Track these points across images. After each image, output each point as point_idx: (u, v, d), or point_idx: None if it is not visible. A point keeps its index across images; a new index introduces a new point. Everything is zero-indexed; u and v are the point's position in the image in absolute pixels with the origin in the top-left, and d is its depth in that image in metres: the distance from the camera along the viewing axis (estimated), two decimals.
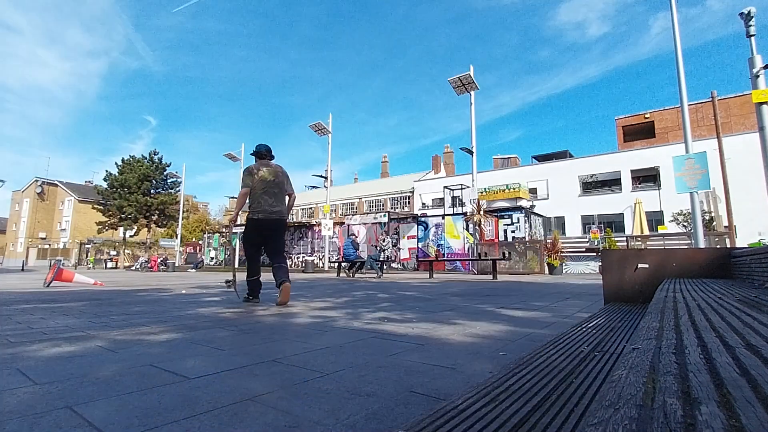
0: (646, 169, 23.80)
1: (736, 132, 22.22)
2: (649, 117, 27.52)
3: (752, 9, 7.35)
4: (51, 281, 7.16)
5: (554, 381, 0.80)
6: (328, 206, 18.93)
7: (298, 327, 2.66)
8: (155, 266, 22.79)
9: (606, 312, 1.93)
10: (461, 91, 15.18)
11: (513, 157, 36.23)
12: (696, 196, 8.48)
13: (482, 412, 0.63)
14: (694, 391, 0.37)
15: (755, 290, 1.53)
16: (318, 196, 39.46)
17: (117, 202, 31.69)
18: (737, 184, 18.41)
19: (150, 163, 33.60)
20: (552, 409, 0.65)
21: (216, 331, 2.49)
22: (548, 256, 12.66)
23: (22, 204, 54.19)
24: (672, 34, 8.80)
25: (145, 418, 1.08)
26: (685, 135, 8.63)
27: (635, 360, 0.52)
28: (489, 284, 7.48)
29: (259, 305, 3.97)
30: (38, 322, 2.89)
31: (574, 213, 25.67)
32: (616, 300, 2.55)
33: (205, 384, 1.38)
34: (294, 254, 20.43)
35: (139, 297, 5.05)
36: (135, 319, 3.04)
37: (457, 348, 1.93)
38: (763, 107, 6.95)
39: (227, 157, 26.14)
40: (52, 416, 1.09)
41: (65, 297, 5.04)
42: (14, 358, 1.79)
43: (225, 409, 1.14)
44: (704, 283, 1.98)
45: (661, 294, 1.48)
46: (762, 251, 1.90)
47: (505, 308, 3.54)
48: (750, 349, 0.53)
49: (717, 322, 0.79)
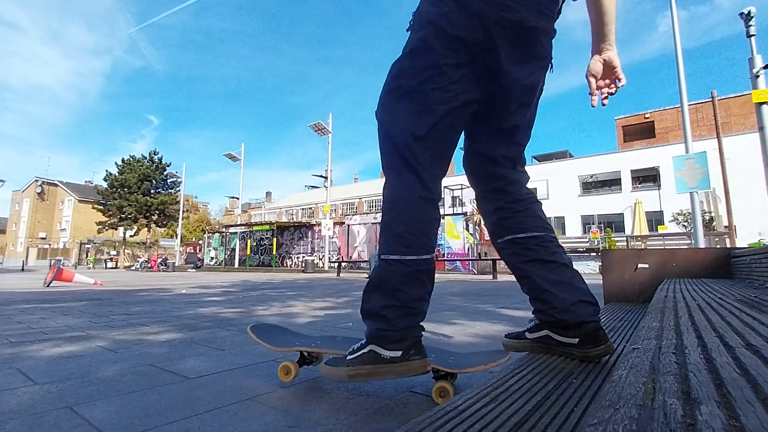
0: (646, 169, 23.79)
1: (736, 132, 22.22)
2: (649, 117, 27.52)
3: (752, 9, 7.35)
4: (51, 281, 7.16)
5: (554, 381, 0.80)
6: (328, 206, 18.94)
7: (298, 327, 2.66)
8: (155, 266, 22.80)
9: (606, 312, 1.93)
10: None
11: None
12: (696, 196, 8.47)
13: (482, 412, 0.63)
14: (694, 391, 0.37)
15: (755, 290, 1.53)
16: (318, 196, 39.46)
17: (117, 202, 31.70)
18: (737, 184, 18.39)
19: (150, 163, 33.61)
20: (552, 409, 0.65)
21: (216, 331, 2.49)
22: None
23: (22, 204, 54.20)
24: (672, 33, 8.80)
25: (145, 418, 1.08)
26: (685, 135, 8.62)
27: (635, 360, 0.52)
28: (489, 284, 7.48)
29: (259, 305, 3.97)
30: (38, 322, 2.89)
31: (574, 213, 25.66)
32: (616, 300, 2.55)
33: (205, 384, 1.38)
34: (294, 254, 20.42)
35: (139, 297, 5.04)
36: (135, 319, 3.04)
37: (457, 348, 1.93)
38: (763, 107, 6.95)
39: (227, 157, 26.17)
40: (52, 416, 1.10)
41: (65, 297, 5.04)
42: (14, 358, 1.79)
43: (225, 409, 1.14)
44: (704, 283, 1.98)
45: (661, 294, 1.48)
46: (762, 251, 1.90)
47: (505, 308, 3.54)
48: (750, 349, 0.53)
49: (717, 322, 0.79)
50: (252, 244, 22.05)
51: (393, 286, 0.99)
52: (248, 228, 23.29)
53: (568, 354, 1.03)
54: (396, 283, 0.99)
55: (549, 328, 1.06)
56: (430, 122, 1.01)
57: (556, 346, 1.05)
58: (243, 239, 22.57)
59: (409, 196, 1.02)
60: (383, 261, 1.01)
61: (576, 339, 1.01)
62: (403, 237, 1.00)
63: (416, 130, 1.01)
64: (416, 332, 1.03)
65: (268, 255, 21.38)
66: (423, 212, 1.02)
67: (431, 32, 0.98)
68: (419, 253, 1.00)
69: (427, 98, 1.00)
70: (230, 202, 53.56)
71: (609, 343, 1.00)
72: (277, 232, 21.22)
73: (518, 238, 1.10)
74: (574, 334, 1.01)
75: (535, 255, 1.08)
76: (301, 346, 1.35)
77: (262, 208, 48.75)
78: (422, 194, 1.02)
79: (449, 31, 0.96)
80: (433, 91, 0.99)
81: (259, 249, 22.01)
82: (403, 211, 1.01)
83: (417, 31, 1.03)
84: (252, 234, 22.45)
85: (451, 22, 0.96)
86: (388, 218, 1.04)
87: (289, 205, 44.29)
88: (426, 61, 0.99)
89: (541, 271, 1.07)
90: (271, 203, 50.53)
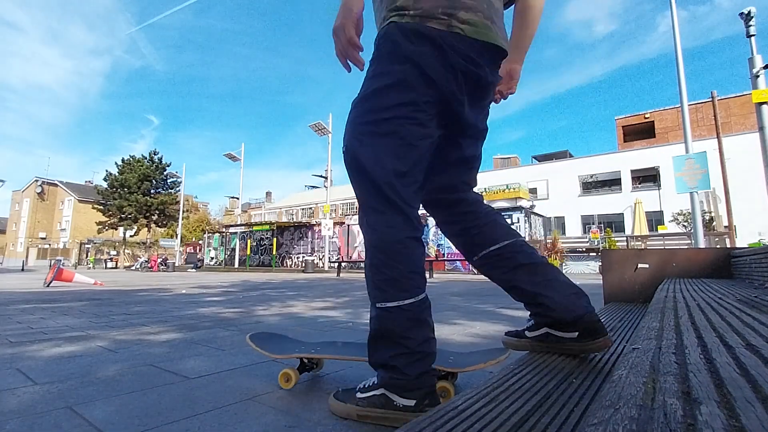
0: (646, 169, 23.80)
1: (736, 132, 22.22)
2: (649, 117, 27.52)
3: (752, 9, 7.35)
4: (51, 281, 7.16)
5: (554, 381, 0.80)
6: (328, 206, 18.94)
7: (298, 327, 2.66)
8: (155, 266, 22.79)
9: (606, 312, 1.93)
10: None
11: (513, 157, 36.23)
12: (696, 196, 8.48)
13: (482, 412, 0.63)
14: (694, 391, 0.37)
15: (755, 290, 1.53)
16: (318, 196, 39.47)
17: (117, 202, 31.70)
18: (737, 184, 18.39)
19: (150, 163, 33.60)
20: (552, 409, 0.65)
21: (216, 331, 2.49)
22: (548, 256, 12.67)
23: (22, 204, 54.20)
24: (672, 33, 8.80)
25: (145, 418, 1.08)
26: (685, 135, 8.62)
27: (635, 360, 0.52)
28: (489, 284, 7.47)
29: (259, 305, 3.97)
30: (38, 322, 2.89)
31: (574, 213, 25.67)
32: (616, 300, 2.55)
33: (205, 384, 1.38)
34: (294, 254, 20.43)
35: (139, 297, 5.05)
36: (135, 319, 3.04)
37: (457, 348, 1.93)
38: (763, 107, 6.95)
39: (227, 157, 26.18)
40: (52, 416, 1.10)
41: (65, 297, 5.04)
42: (14, 358, 1.79)
43: (225, 409, 1.14)
44: (704, 283, 1.98)
45: (661, 294, 1.48)
46: (762, 251, 1.90)
47: (505, 308, 3.54)
48: (750, 349, 0.53)
49: (717, 322, 0.79)
50: (252, 244, 22.05)
51: (398, 334, 0.96)
52: (248, 228, 23.28)
53: (568, 349, 1.04)
54: (400, 331, 0.96)
55: (548, 326, 1.08)
56: (413, 158, 1.01)
57: (555, 342, 1.06)
58: (243, 239, 22.57)
59: (398, 237, 0.99)
60: (381, 309, 0.98)
61: (576, 333, 1.03)
62: (398, 281, 0.97)
63: (399, 167, 1.00)
64: (431, 380, 0.99)
65: (268, 255, 21.38)
66: (413, 252, 1.00)
67: (410, 70, 0.99)
68: (416, 294, 0.98)
69: (408, 133, 1.00)
70: (230, 202, 53.59)
71: (607, 336, 1.03)
72: (277, 232, 21.23)
73: (492, 251, 1.12)
74: (574, 328, 1.03)
75: (514, 262, 1.10)
76: (300, 353, 1.36)
77: (262, 208, 48.76)
78: (410, 234, 1.00)
79: (427, 71, 0.99)
80: (413, 126, 1.00)
81: (259, 249, 22.02)
82: (395, 255, 0.98)
83: (392, 63, 1.01)
84: (252, 234, 22.45)
85: (428, 64, 0.99)
86: (378, 262, 0.99)
87: (289, 205, 44.30)
88: (407, 97, 0.99)
89: (525, 277, 1.09)
90: (271, 203, 50.54)
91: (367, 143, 1.02)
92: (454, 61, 1.00)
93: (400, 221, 1.00)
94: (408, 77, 0.99)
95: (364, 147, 1.02)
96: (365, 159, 1.01)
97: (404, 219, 1.00)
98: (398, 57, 1.00)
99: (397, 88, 1.00)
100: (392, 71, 1.00)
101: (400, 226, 1.00)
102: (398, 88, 0.99)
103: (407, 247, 0.99)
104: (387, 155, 1.00)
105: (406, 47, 0.99)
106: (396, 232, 0.99)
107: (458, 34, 0.99)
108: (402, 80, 0.99)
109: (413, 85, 0.99)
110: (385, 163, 0.99)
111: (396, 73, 1.00)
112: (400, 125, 1.00)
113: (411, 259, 0.99)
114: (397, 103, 0.99)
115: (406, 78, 0.99)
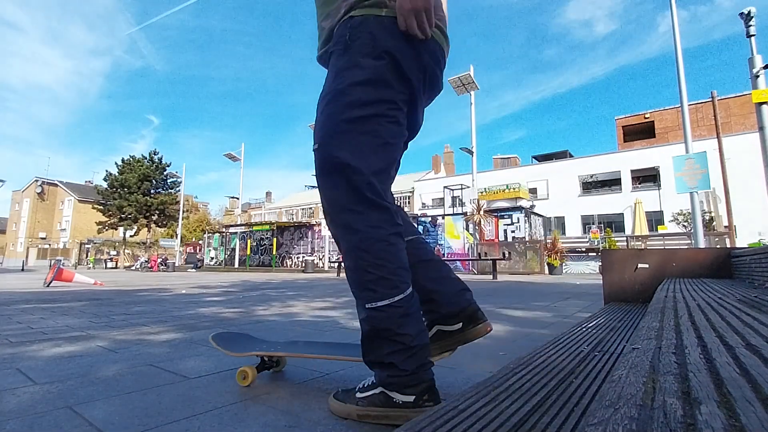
0: (646, 169, 23.80)
1: (736, 132, 22.23)
2: (649, 117, 27.52)
3: (752, 9, 7.35)
4: (51, 281, 7.16)
5: (554, 381, 0.80)
6: None
7: (298, 327, 2.66)
8: (155, 266, 22.80)
9: (606, 312, 1.93)
10: (461, 91, 15.20)
11: (513, 157, 36.24)
12: (696, 196, 8.48)
13: (482, 412, 0.63)
14: (694, 391, 0.37)
15: (755, 290, 1.53)
16: (318, 196, 39.40)
17: (117, 202, 31.70)
18: (737, 184, 18.40)
19: (150, 163, 33.61)
20: (552, 409, 0.65)
21: (216, 331, 2.48)
22: (548, 256, 12.66)
23: (22, 204, 54.21)
24: (672, 33, 8.80)
25: (145, 418, 1.08)
26: (685, 135, 8.63)
27: (635, 360, 0.52)
28: (489, 284, 7.48)
29: (259, 305, 3.97)
30: (38, 322, 2.89)
31: (574, 213, 25.67)
32: (616, 300, 2.55)
33: (205, 384, 1.38)
34: (294, 254, 20.43)
35: (139, 297, 5.05)
36: (135, 318, 3.04)
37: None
38: (763, 107, 6.95)
39: (227, 157, 26.16)
40: (52, 416, 1.10)
41: (65, 297, 5.04)
42: (14, 358, 1.79)
43: (225, 409, 1.14)
44: (704, 283, 1.98)
45: (661, 294, 1.48)
46: (762, 251, 1.90)
47: (505, 308, 3.54)
48: (750, 349, 0.53)
49: (717, 322, 0.79)
50: (252, 244, 22.05)
51: (392, 332, 0.95)
52: (248, 228, 23.28)
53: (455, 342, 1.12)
54: (395, 328, 0.95)
55: (439, 323, 1.14)
56: (389, 157, 1.01)
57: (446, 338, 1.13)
58: (243, 239, 22.57)
59: (381, 235, 0.97)
60: (372, 309, 0.96)
61: (459, 324, 1.11)
62: (387, 279, 0.96)
63: (377, 164, 0.98)
64: (429, 374, 0.97)
65: (268, 255, 21.38)
66: (398, 248, 1.00)
67: (388, 65, 0.96)
68: (404, 289, 0.97)
69: (386, 132, 0.99)
70: (230, 202, 53.59)
71: (487, 321, 1.14)
72: (277, 232, 21.22)
73: None
74: (458, 320, 1.11)
75: (416, 258, 1.12)
76: (260, 351, 1.37)
77: (262, 208, 48.74)
78: (393, 230, 0.99)
79: (404, 69, 0.98)
80: (391, 124, 0.99)
81: (259, 249, 22.01)
82: (381, 253, 0.96)
83: (367, 56, 0.96)
84: (252, 234, 22.44)
85: (405, 61, 0.98)
86: (364, 263, 0.97)
87: (289, 205, 44.29)
88: (386, 94, 0.97)
89: (424, 272, 1.13)
90: (271, 203, 50.52)
91: (346, 141, 0.98)
92: (426, 60, 1.01)
93: (382, 219, 0.99)
94: (386, 73, 0.96)
95: (342, 145, 0.98)
96: (344, 158, 0.97)
97: (386, 216, 0.99)
98: (375, 51, 0.96)
99: (375, 83, 0.96)
100: (368, 65, 0.96)
101: (382, 224, 0.98)
102: (376, 84, 0.96)
103: (392, 244, 0.98)
104: (367, 154, 0.97)
105: (385, 41, 0.96)
106: (379, 230, 0.98)
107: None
108: (380, 76, 0.96)
109: (390, 82, 0.97)
110: (366, 162, 0.97)
111: (373, 68, 0.96)
112: (378, 123, 0.97)
113: (396, 255, 0.99)
114: (377, 99, 0.97)
115: (384, 74, 0.96)
